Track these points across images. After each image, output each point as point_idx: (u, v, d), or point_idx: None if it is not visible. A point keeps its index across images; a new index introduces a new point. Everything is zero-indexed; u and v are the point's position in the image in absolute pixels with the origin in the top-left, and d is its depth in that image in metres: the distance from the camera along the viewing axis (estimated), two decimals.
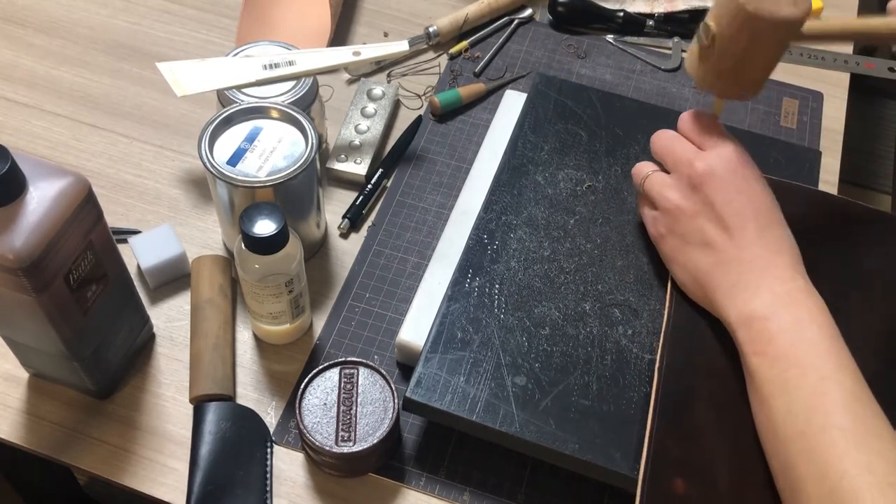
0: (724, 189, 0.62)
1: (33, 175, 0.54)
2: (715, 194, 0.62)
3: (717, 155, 0.63)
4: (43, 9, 0.95)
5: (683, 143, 0.66)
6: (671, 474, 0.57)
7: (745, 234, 0.61)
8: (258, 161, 0.67)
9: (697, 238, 0.63)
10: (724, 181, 0.62)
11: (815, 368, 0.54)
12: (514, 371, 0.63)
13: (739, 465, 0.57)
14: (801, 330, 0.56)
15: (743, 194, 0.61)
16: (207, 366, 0.67)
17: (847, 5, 1.02)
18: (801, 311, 0.57)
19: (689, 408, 0.60)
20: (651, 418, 0.59)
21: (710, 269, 0.62)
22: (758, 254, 0.60)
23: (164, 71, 0.75)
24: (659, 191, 0.66)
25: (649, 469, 0.57)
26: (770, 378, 0.56)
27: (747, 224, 0.61)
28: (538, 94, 0.82)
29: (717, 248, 0.61)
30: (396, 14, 0.98)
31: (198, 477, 0.62)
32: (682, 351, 0.62)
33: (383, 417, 0.63)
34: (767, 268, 0.59)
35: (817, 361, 0.55)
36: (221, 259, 0.73)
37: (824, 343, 0.55)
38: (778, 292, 0.58)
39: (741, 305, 0.59)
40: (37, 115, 0.86)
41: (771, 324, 0.57)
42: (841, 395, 0.53)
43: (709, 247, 0.62)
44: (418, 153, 0.85)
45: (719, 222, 0.61)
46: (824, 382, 0.54)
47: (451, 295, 0.67)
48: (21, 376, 0.69)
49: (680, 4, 0.97)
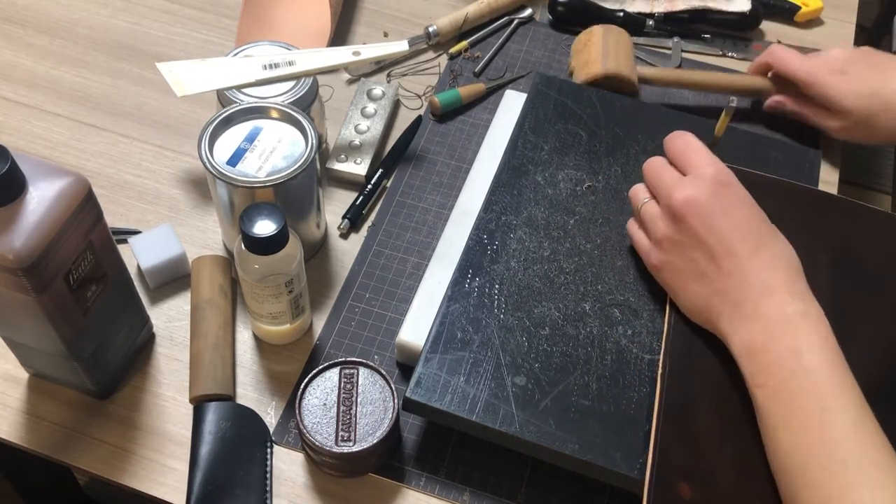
0: (705, 217, 0.61)
1: (33, 175, 0.54)
2: (697, 225, 0.61)
3: (694, 182, 0.62)
4: (43, 9, 0.95)
5: (668, 171, 0.65)
6: (676, 479, 0.57)
7: (734, 260, 0.59)
8: (258, 161, 0.67)
9: (690, 268, 0.62)
10: (703, 209, 0.61)
11: (815, 400, 0.53)
12: (514, 371, 0.63)
13: (744, 468, 0.57)
14: (800, 359, 0.55)
15: (726, 220, 0.60)
16: (207, 366, 0.67)
17: (847, 5, 1.02)
18: (800, 338, 0.56)
19: (693, 413, 0.59)
20: (655, 424, 0.59)
21: (708, 299, 0.61)
22: (751, 279, 0.59)
23: (164, 71, 0.75)
24: (650, 220, 0.65)
25: (655, 474, 0.57)
26: (773, 411, 0.55)
27: (735, 249, 0.59)
28: (538, 94, 0.82)
29: (709, 277, 0.61)
30: (396, 14, 0.98)
31: (198, 477, 0.62)
32: (684, 356, 0.62)
33: (383, 417, 0.63)
34: (762, 294, 0.58)
35: (816, 392, 0.54)
36: (221, 259, 0.73)
37: (823, 371, 0.54)
38: (775, 319, 0.57)
39: (743, 334, 0.58)
40: (37, 115, 0.86)
41: (770, 355, 0.56)
42: (842, 426, 0.52)
43: (703, 277, 0.61)
44: (418, 153, 0.85)
45: (706, 251, 0.60)
46: (825, 414, 0.53)
47: (451, 295, 0.67)
48: (21, 376, 0.69)
49: (680, 4, 0.97)
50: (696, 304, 0.62)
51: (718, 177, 0.62)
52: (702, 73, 0.87)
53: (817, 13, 1.00)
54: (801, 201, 0.70)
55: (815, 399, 0.53)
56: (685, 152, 0.64)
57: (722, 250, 0.60)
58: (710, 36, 0.97)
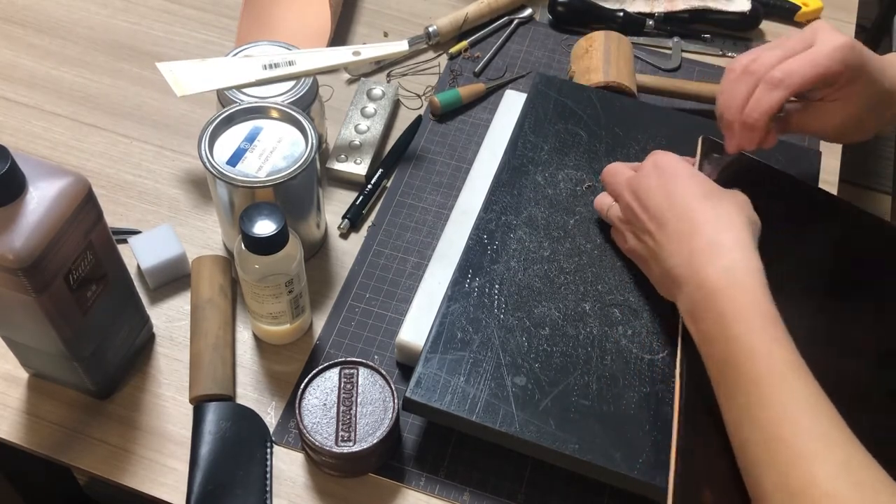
0: (641, 198, 0.65)
1: (33, 175, 0.54)
2: (635, 206, 0.65)
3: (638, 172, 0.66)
4: (43, 9, 0.95)
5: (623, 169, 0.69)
6: (699, 486, 0.56)
7: (668, 233, 0.61)
8: (258, 161, 0.67)
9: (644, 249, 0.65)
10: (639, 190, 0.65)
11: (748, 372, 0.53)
12: (513, 371, 0.63)
13: None
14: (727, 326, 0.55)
15: (659, 195, 0.63)
16: (207, 366, 0.67)
17: (847, 6, 1.02)
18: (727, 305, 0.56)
19: (714, 417, 0.58)
20: (676, 430, 0.57)
21: (663, 276, 0.63)
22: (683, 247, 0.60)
23: (163, 71, 0.75)
24: (614, 214, 0.68)
25: (678, 481, 0.55)
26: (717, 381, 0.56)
27: (667, 222, 0.62)
28: (538, 94, 0.82)
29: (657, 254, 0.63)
30: (396, 14, 0.98)
31: (198, 477, 0.62)
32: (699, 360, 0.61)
33: (383, 417, 0.63)
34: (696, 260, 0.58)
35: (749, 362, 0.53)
36: (222, 259, 0.73)
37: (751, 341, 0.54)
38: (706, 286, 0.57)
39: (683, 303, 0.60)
40: (37, 115, 0.86)
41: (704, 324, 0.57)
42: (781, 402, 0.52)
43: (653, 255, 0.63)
44: (418, 153, 0.85)
45: (648, 230, 0.64)
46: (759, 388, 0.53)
47: (451, 295, 0.67)
48: (21, 376, 0.69)
49: (680, 4, 0.97)
50: (657, 283, 0.65)
51: (656, 162, 0.65)
52: (699, 85, 0.87)
53: (817, 13, 1.00)
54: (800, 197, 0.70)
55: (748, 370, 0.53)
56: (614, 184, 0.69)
57: (655, 225, 0.63)
58: (710, 36, 0.97)
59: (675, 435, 0.58)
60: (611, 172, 0.70)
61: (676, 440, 0.57)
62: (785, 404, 0.52)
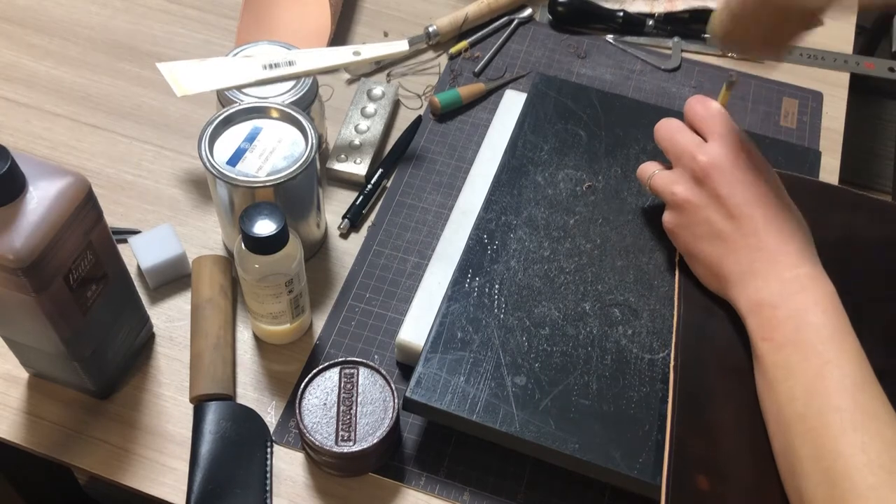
0: (728, 180, 0.62)
1: (33, 175, 0.54)
2: (720, 186, 0.62)
3: (719, 145, 0.64)
4: (43, 9, 0.95)
5: (686, 133, 0.66)
6: (694, 472, 0.57)
7: (752, 222, 0.61)
8: (258, 161, 0.67)
9: (706, 230, 0.64)
10: (727, 172, 0.63)
11: (817, 353, 0.55)
12: (514, 371, 0.63)
13: (761, 458, 0.57)
14: (807, 316, 0.57)
15: (748, 184, 0.62)
16: (208, 365, 0.67)
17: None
18: (808, 297, 0.58)
19: (707, 405, 0.60)
20: (670, 418, 0.59)
21: (721, 260, 0.63)
22: (766, 242, 0.61)
23: (163, 71, 0.75)
24: (665, 186, 0.66)
25: (672, 468, 0.57)
26: (776, 363, 0.57)
27: (754, 213, 0.61)
28: (538, 94, 0.82)
29: (726, 238, 0.62)
30: (396, 14, 0.98)
31: (198, 476, 0.62)
32: (694, 349, 0.62)
33: (383, 417, 0.63)
34: (776, 255, 0.60)
35: (820, 346, 0.56)
36: (222, 259, 0.73)
37: (828, 328, 0.56)
38: (786, 279, 0.59)
39: (752, 293, 0.60)
40: (37, 115, 0.86)
41: (778, 311, 0.58)
42: (841, 378, 0.54)
43: (718, 238, 0.63)
44: (418, 153, 0.85)
45: (726, 213, 0.62)
46: (826, 367, 0.55)
47: (451, 295, 0.67)
48: (21, 376, 0.69)
49: (680, 4, 0.97)
50: (708, 266, 0.64)
51: (744, 142, 0.64)
52: None
53: None
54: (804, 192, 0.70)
55: (817, 353, 0.55)
56: (705, 118, 0.66)
57: (740, 212, 0.62)
58: (710, 36, 0.97)
59: (668, 423, 0.59)
60: (670, 131, 0.67)
61: (670, 427, 0.58)
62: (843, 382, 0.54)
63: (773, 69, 0.95)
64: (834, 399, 0.53)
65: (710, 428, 0.59)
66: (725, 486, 0.57)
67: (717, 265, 0.63)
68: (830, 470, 0.51)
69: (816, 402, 0.54)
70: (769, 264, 0.60)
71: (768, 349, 0.58)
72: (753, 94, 0.92)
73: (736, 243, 0.62)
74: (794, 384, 0.55)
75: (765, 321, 0.59)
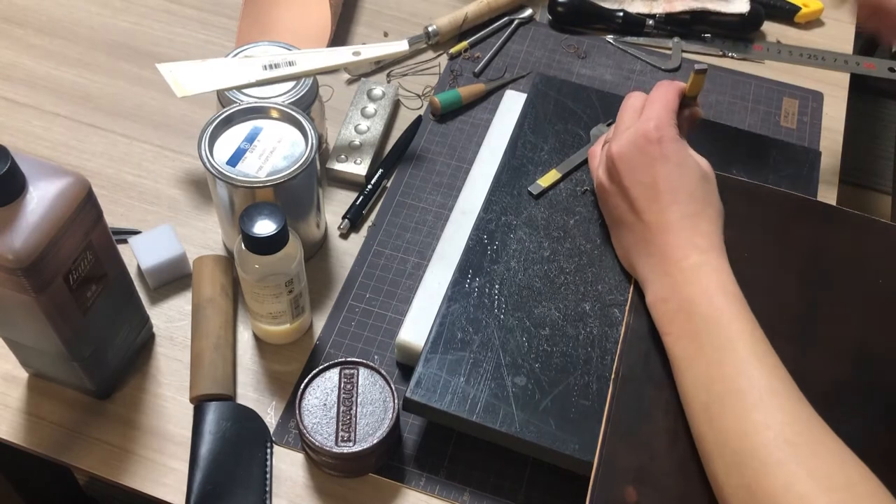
0: (631, 170, 0.64)
1: (33, 175, 0.54)
2: (623, 178, 0.64)
3: (631, 133, 0.65)
4: (43, 9, 0.95)
5: (627, 112, 0.68)
6: (623, 482, 0.57)
7: (650, 215, 0.63)
8: (258, 161, 0.67)
9: (617, 216, 0.66)
10: (631, 162, 0.64)
11: (710, 342, 0.57)
12: (514, 371, 0.63)
13: (694, 473, 0.57)
14: (694, 306, 0.58)
15: (649, 174, 0.63)
16: (208, 366, 0.67)
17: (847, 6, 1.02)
18: (694, 288, 0.59)
19: (645, 416, 0.59)
20: (603, 427, 0.59)
21: (629, 251, 0.66)
22: (659, 237, 0.62)
23: (163, 72, 0.75)
24: (593, 166, 0.70)
25: (600, 479, 0.57)
26: (677, 356, 0.59)
27: (650, 206, 0.63)
28: (538, 95, 0.82)
29: (631, 227, 0.65)
30: (396, 14, 0.98)
31: (198, 477, 0.62)
32: (639, 360, 0.62)
33: (383, 417, 0.63)
34: (665, 249, 0.62)
35: (711, 334, 0.57)
36: (224, 259, 0.73)
37: (715, 316, 0.57)
38: (673, 273, 0.61)
39: (651, 288, 0.63)
40: (37, 115, 0.86)
41: (670, 304, 0.60)
42: (735, 362, 0.55)
43: (626, 226, 0.65)
44: (418, 153, 0.85)
45: (629, 203, 0.64)
46: (719, 353, 0.56)
47: (451, 295, 0.67)
48: (21, 376, 0.69)
49: (678, 6, 0.97)
50: (622, 251, 0.67)
51: (651, 132, 0.64)
52: None
53: (817, 14, 1.00)
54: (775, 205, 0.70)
55: (710, 341, 0.57)
56: (651, 100, 0.67)
57: (639, 205, 0.64)
58: (710, 36, 0.97)
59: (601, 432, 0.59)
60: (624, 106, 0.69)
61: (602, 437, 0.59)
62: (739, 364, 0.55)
63: (773, 69, 0.95)
64: (731, 382, 0.54)
65: (644, 440, 0.58)
66: (655, 498, 0.56)
67: (627, 256, 0.66)
68: (738, 452, 0.52)
69: (716, 388, 0.55)
70: (660, 259, 0.62)
71: (670, 343, 0.60)
72: (753, 94, 0.92)
73: (636, 236, 0.64)
74: (696, 374, 0.57)
75: (661, 315, 0.61)
